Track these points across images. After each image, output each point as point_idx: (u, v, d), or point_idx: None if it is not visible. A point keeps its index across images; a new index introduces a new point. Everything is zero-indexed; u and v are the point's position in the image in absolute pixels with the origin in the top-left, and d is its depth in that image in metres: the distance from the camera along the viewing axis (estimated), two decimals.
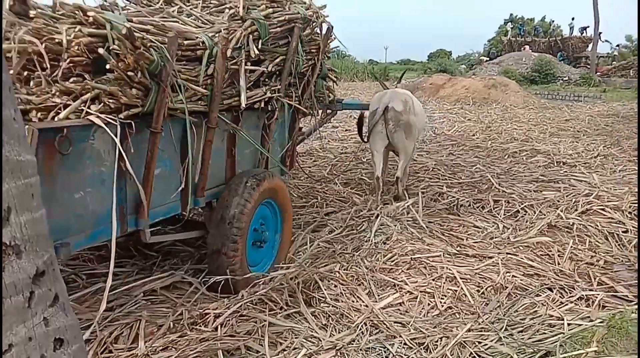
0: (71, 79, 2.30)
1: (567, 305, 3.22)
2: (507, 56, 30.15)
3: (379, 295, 3.28)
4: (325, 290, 3.25)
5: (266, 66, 3.36)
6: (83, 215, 2.30)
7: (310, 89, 4.10)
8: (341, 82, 31.83)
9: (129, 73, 2.31)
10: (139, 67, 2.33)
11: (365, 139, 5.24)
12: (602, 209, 4.92)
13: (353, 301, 3.18)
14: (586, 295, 3.31)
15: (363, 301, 3.17)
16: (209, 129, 2.96)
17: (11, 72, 2.26)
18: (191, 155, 2.83)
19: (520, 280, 3.54)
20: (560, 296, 3.33)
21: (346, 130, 10.14)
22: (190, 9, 3.41)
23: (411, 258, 3.81)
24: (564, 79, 25.67)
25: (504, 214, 4.98)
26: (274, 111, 3.61)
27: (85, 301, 2.99)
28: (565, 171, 6.73)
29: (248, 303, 2.95)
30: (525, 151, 8.26)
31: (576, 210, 4.98)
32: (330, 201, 5.32)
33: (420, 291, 3.33)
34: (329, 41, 4.18)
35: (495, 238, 4.36)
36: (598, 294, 3.31)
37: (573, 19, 33.62)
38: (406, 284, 3.41)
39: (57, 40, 2.24)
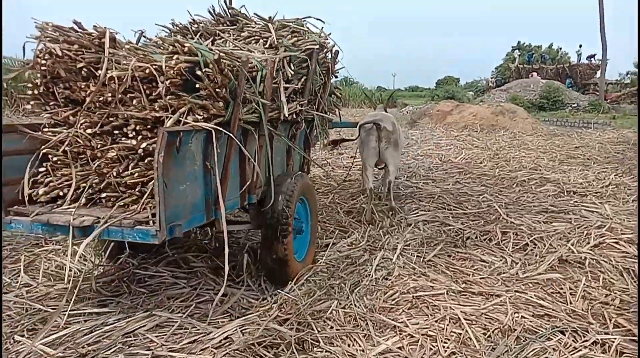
0: (167, 97, 2.84)
1: (580, 350, 2.96)
2: (515, 82, 30.17)
3: (377, 338, 3.04)
4: (319, 331, 3.03)
5: (296, 84, 3.94)
6: (185, 204, 2.75)
7: (322, 104, 4.68)
8: (349, 108, 32.04)
9: (217, 90, 2.85)
10: (223, 85, 2.87)
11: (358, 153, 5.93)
12: (616, 243, 4.67)
13: (349, 345, 2.95)
14: (601, 340, 3.05)
15: (360, 346, 2.94)
16: (260, 136, 3.46)
17: (110, 94, 2.91)
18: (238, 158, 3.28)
19: (530, 321, 3.29)
20: (573, 341, 3.07)
21: (351, 157, 9.99)
22: (224, 40, 4.01)
23: (413, 296, 3.58)
24: (573, 105, 25.56)
25: (513, 248, 4.75)
26: (300, 122, 4.20)
27: (61, 345, 2.78)
28: (576, 201, 6.49)
29: (235, 350, 2.73)
30: (534, 179, 8.04)
31: (588, 243, 4.73)
32: (330, 232, 5.13)
33: (422, 335, 3.08)
34: (335, 63, 4.78)
35: (503, 273, 4.12)
36: (615, 338, 3.05)
37: (580, 46, 33.62)
38: (407, 326, 3.17)
39: (155, 67, 2.80)
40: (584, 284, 3.81)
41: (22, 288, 3.59)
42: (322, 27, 4.51)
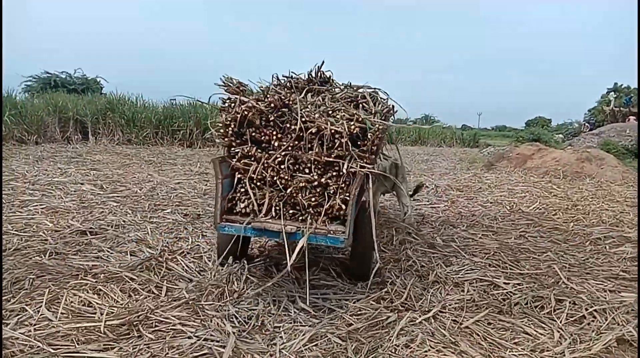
0: (339, 148, 3.96)
1: None
2: (609, 126, 28.07)
3: None
4: None
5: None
6: None
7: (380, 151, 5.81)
8: (427, 146, 31.21)
9: (372, 147, 4.00)
10: (376, 144, 4.07)
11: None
12: None
13: None
14: None
15: None
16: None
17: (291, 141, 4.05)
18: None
19: None
20: None
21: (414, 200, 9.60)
22: (322, 96, 4.75)
23: None
24: None
25: (566, 320, 4.19)
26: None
27: None
28: None
29: None
30: (612, 237, 7.22)
31: None
32: (364, 284, 4.81)
33: None
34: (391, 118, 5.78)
35: (547, 351, 3.61)
36: None
37: None
38: None
39: (335, 129, 3.91)
40: None
41: (38, 324, 3.62)
42: (388, 96, 5.43)
